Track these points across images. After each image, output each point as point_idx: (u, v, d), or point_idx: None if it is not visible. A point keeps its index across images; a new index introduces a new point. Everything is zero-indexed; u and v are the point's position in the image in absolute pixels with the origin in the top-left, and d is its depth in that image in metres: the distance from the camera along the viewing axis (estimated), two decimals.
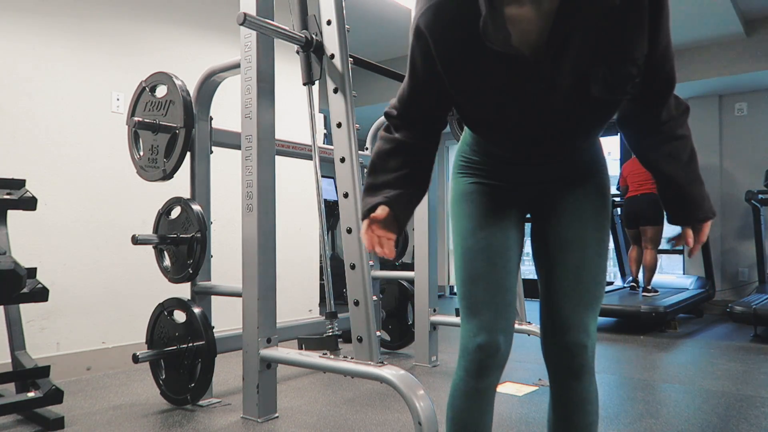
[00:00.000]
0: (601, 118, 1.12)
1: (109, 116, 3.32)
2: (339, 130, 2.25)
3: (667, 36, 1.04)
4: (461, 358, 1.21)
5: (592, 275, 1.20)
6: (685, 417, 2.42)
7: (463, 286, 1.22)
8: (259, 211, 2.34)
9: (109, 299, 3.26)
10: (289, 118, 4.09)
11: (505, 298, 1.20)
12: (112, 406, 2.59)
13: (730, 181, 5.99)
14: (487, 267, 1.19)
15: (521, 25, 0.99)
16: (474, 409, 1.21)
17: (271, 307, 2.36)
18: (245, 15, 2.08)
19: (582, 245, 1.20)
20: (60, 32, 3.13)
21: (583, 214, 1.22)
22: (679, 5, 4.64)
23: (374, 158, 1.23)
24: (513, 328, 1.22)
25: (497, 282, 1.19)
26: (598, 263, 1.20)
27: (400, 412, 2.44)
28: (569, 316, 1.18)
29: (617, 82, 1.02)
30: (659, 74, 1.09)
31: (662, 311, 4.38)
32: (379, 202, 1.16)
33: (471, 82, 1.08)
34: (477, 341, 1.18)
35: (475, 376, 1.19)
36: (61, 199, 3.10)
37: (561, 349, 1.20)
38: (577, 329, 1.18)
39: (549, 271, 1.23)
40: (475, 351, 1.18)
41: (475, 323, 1.19)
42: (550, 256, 1.23)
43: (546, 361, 1.25)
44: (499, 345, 1.18)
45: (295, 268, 4.32)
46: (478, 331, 1.18)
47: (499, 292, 1.19)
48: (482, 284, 1.19)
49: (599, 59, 1.01)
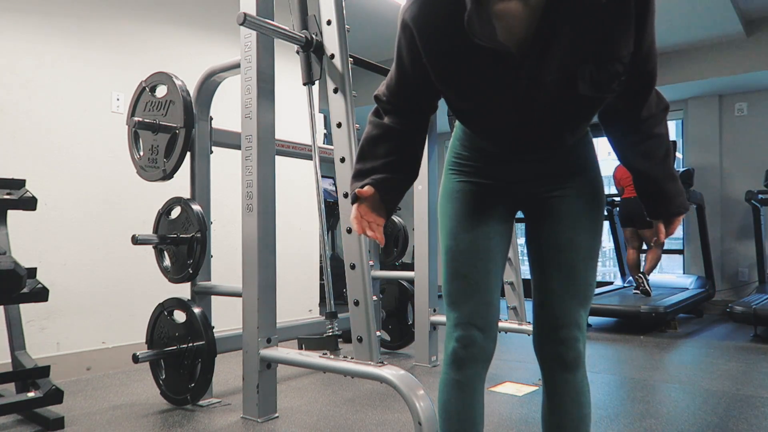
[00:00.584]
0: (586, 113, 1.14)
1: (109, 116, 3.32)
2: (339, 130, 2.25)
3: (651, 35, 1.05)
4: (444, 352, 1.29)
5: (584, 276, 1.23)
6: (685, 417, 2.42)
7: (445, 284, 1.29)
8: (259, 211, 2.34)
9: (109, 299, 3.26)
10: (289, 118, 4.09)
11: (483, 296, 1.24)
12: (112, 406, 2.59)
13: (730, 181, 5.99)
14: (467, 267, 1.24)
15: (508, 20, 1.00)
16: (457, 400, 1.25)
17: (271, 307, 2.36)
18: (245, 15, 2.08)
19: (575, 247, 1.23)
20: (60, 32, 3.13)
21: (576, 216, 1.23)
22: (679, 5, 4.64)
23: (363, 143, 1.25)
24: (493, 325, 1.26)
25: (476, 281, 1.24)
26: (590, 265, 1.24)
27: (400, 412, 2.44)
28: (563, 314, 1.22)
29: (604, 80, 1.04)
30: (642, 72, 1.10)
31: (662, 311, 4.38)
32: (365, 183, 1.19)
33: (456, 75, 1.10)
34: (454, 335, 1.25)
35: (454, 368, 1.25)
36: (61, 199, 3.10)
37: (556, 343, 1.23)
38: (570, 325, 1.22)
39: (543, 271, 1.26)
40: (452, 344, 1.25)
41: (452, 318, 1.26)
42: (543, 257, 1.26)
43: (540, 357, 1.28)
44: (474, 339, 1.23)
45: (295, 268, 4.32)
46: (455, 325, 1.25)
47: (478, 291, 1.24)
48: (462, 283, 1.25)
49: (586, 57, 1.02)
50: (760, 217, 5.42)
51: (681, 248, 6.42)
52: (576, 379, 1.24)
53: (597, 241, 1.26)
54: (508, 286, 3.28)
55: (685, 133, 6.31)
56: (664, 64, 5.69)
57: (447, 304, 1.28)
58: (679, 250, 6.45)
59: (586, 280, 1.23)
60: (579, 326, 1.22)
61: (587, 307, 1.25)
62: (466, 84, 1.10)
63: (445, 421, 1.27)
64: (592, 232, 1.24)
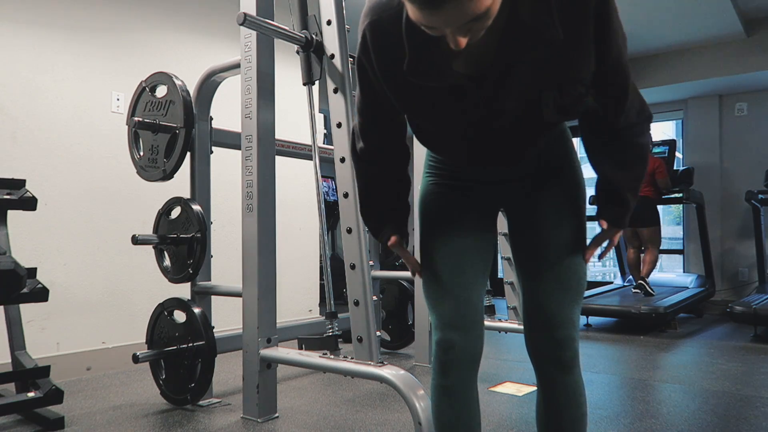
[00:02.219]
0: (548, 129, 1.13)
1: (109, 116, 3.32)
2: (339, 130, 2.25)
3: (617, 49, 1.03)
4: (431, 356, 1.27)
5: (574, 270, 1.21)
6: (685, 417, 2.42)
7: (424, 287, 1.28)
8: (259, 211, 2.34)
9: (109, 299, 3.26)
10: (289, 118, 4.09)
11: (461, 295, 1.21)
12: (112, 406, 2.59)
13: (730, 181, 5.99)
14: (442, 267, 1.23)
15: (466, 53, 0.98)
16: (446, 406, 1.22)
17: (271, 307, 2.36)
18: (245, 15, 2.08)
19: (562, 243, 1.21)
20: (60, 32, 3.13)
21: (560, 210, 1.22)
22: (680, 5, 4.64)
23: (360, 187, 1.32)
24: (476, 324, 1.22)
25: (453, 281, 1.22)
26: (579, 260, 1.22)
27: (400, 412, 2.44)
28: (557, 313, 1.19)
29: (568, 104, 1.04)
30: (612, 84, 1.08)
31: (662, 311, 4.38)
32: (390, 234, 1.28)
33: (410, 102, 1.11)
34: (435, 339, 1.23)
35: (439, 374, 1.22)
36: (61, 199, 3.10)
37: (552, 344, 1.20)
38: (565, 323, 1.19)
39: (531, 270, 1.23)
40: (434, 348, 1.23)
41: (433, 320, 1.24)
42: (531, 256, 1.24)
43: (535, 358, 1.25)
44: (454, 342, 1.19)
45: (295, 268, 4.32)
46: (435, 328, 1.23)
47: (454, 290, 1.21)
48: (438, 283, 1.23)
49: (547, 84, 1.01)
50: (760, 217, 5.42)
51: (681, 248, 6.43)
52: (573, 379, 1.22)
53: (583, 235, 1.25)
54: (508, 286, 3.28)
55: (685, 133, 6.31)
56: (664, 64, 5.70)
57: (428, 307, 1.26)
58: (679, 250, 6.45)
59: (577, 275, 1.21)
60: (574, 324, 1.21)
61: (580, 303, 1.22)
62: (420, 109, 1.12)
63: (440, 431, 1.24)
64: (578, 225, 1.23)
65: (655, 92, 5.89)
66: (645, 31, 5.19)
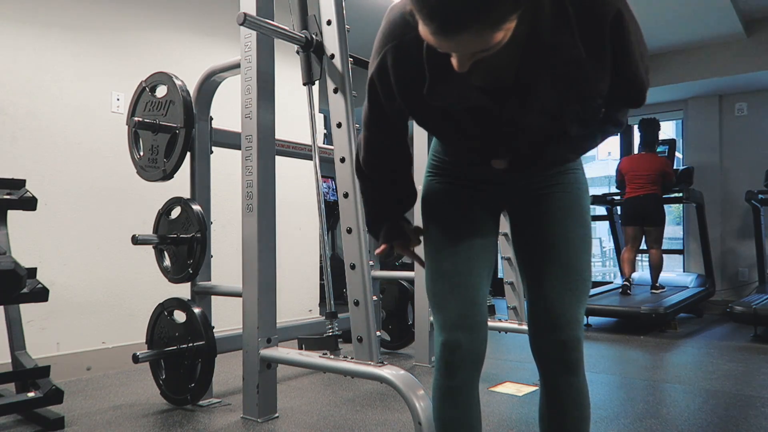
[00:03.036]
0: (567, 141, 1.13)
1: (109, 116, 3.32)
2: (339, 130, 2.25)
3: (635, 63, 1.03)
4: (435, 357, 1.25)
5: (579, 272, 1.21)
6: (685, 417, 2.42)
7: (428, 284, 1.27)
8: (259, 211, 2.34)
9: (109, 299, 3.26)
10: (289, 118, 4.09)
11: (467, 296, 1.20)
12: (112, 406, 2.59)
13: (730, 181, 5.99)
14: (449, 267, 1.22)
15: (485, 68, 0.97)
16: (449, 407, 1.22)
17: (271, 307, 2.36)
18: (245, 15, 2.08)
19: (568, 242, 1.21)
20: (61, 32, 3.13)
21: (565, 209, 1.22)
22: (680, 5, 4.64)
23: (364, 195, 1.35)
24: (481, 325, 1.21)
25: (458, 281, 1.21)
26: (584, 258, 1.22)
27: (400, 412, 2.44)
28: (563, 312, 1.19)
29: (589, 116, 1.05)
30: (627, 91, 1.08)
31: (662, 311, 4.38)
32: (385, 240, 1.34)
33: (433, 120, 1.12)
34: (440, 339, 1.21)
35: (443, 374, 1.21)
36: (61, 199, 3.10)
37: (559, 345, 1.19)
38: (571, 323, 1.19)
39: (536, 270, 1.23)
40: (439, 349, 1.21)
41: (437, 320, 1.22)
42: (536, 255, 1.23)
43: (539, 359, 1.24)
44: (460, 342, 1.18)
45: (295, 268, 4.32)
46: (440, 329, 1.21)
47: (460, 290, 1.20)
48: (444, 283, 1.22)
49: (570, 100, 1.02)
50: (760, 217, 5.42)
51: (681, 247, 6.43)
52: (578, 380, 1.21)
53: (588, 234, 1.24)
54: (508, 286, 3.28)
55: (685, 133, 6.31)
56: (664, 64, 5.70)
57: (431, 307, 1.25)
58: (679, 250, 6.45)
59: (582, 275, 1.21)
60: (580, 324, 1.20)
61: (585, 303, 1.22)
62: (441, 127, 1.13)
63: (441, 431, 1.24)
64: (583, 224, 1.23)
65: (655, 92, 5.89)
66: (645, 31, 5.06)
